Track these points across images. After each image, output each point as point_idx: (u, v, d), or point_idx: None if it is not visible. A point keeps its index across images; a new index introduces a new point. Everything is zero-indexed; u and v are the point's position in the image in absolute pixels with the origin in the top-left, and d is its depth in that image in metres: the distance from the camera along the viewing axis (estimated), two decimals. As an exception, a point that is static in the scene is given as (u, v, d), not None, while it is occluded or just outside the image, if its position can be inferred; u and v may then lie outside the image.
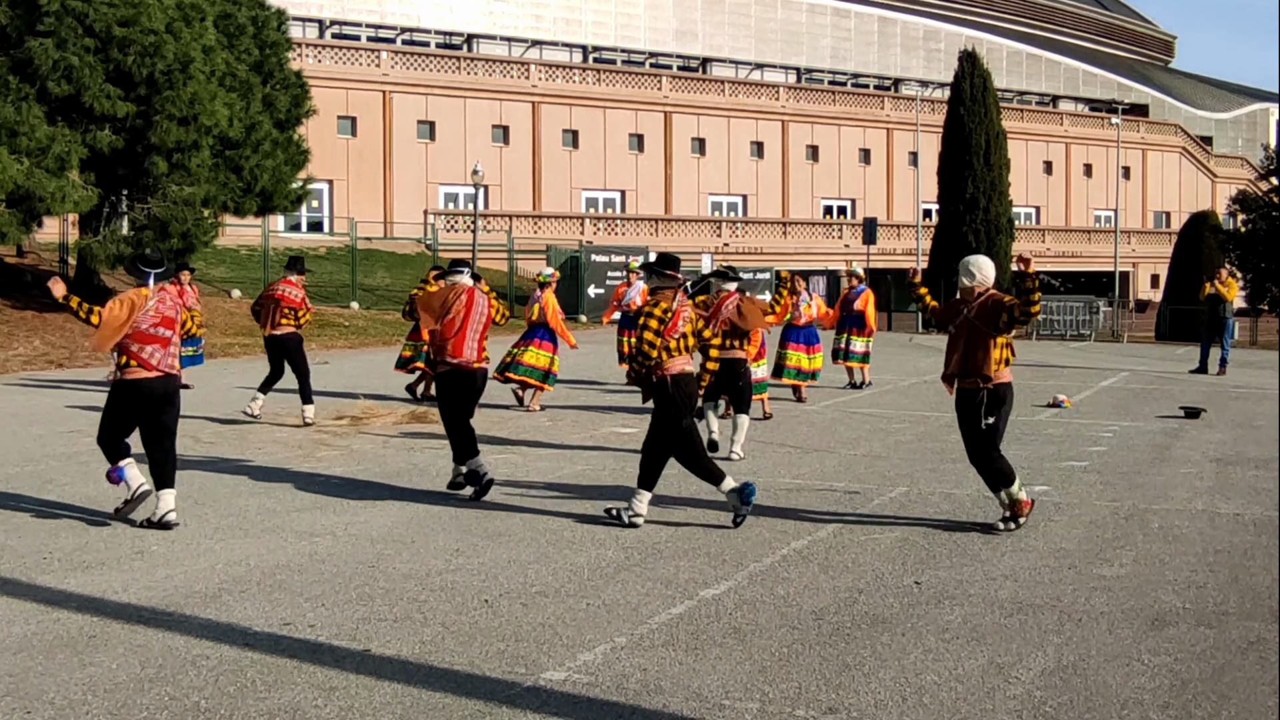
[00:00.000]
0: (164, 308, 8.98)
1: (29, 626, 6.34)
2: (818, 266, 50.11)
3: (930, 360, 26.35)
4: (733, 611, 6.69)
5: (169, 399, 8.90)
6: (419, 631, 6.28)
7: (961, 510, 9.52)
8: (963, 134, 41.24)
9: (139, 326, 8.75)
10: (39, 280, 29.60)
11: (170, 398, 8.91)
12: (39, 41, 23.08)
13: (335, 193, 47.63)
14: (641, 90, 55.18)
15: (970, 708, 5.30)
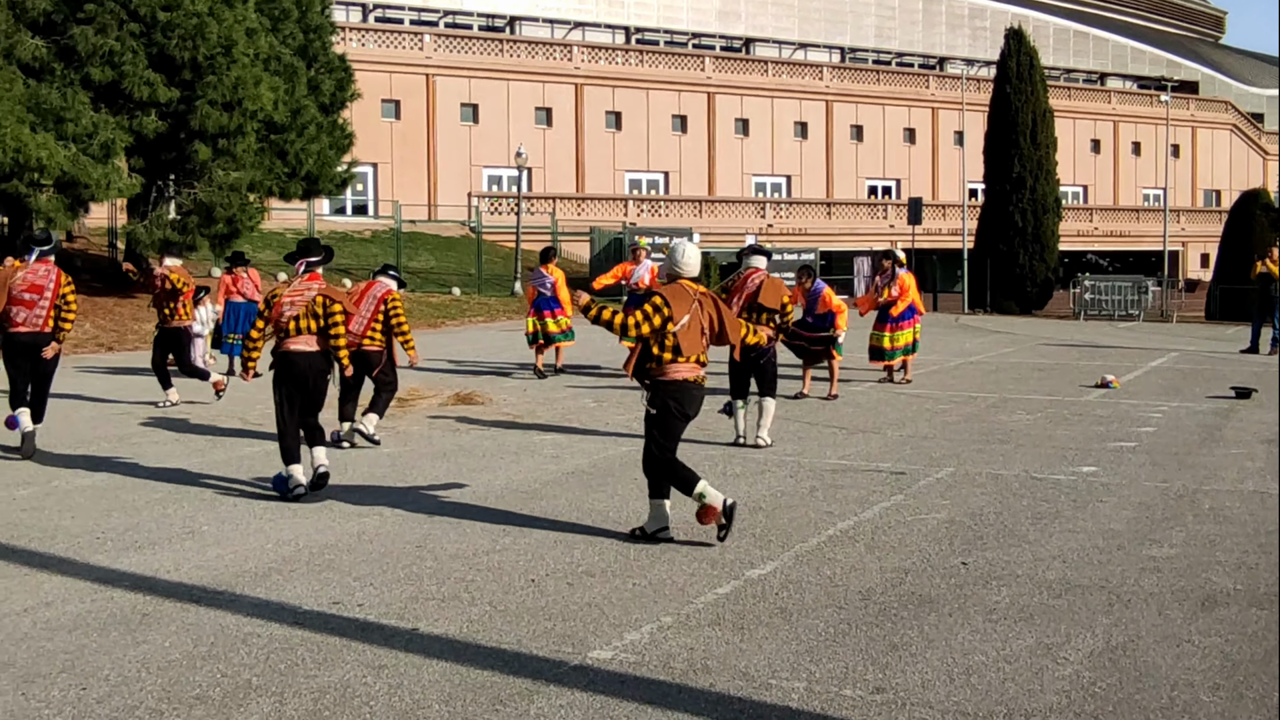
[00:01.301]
0: (34, 278, 11.17)
1: (84, 605, 6.44)
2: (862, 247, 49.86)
3: (977, 341, 26.19)
4: (779, 591, 6.68)
5: (36, 349, 11.07)
6: (466, 610, 6.32)
7: (1009, 491, 9.46)
8: (1009, 113, 40.77)
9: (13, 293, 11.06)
10: (88, 265, 29.94)
11: (37, 349, 11.06)
12: (81, 28, 23.29)
13: (379, 176, 47.83)
14: (684, 71, 54.99)
15: (1018, 688, 5.27)
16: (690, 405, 7.87)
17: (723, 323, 8.04)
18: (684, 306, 7.82)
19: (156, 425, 12.85)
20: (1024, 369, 19.12)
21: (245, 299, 17.69)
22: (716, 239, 45.05)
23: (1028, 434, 12.40)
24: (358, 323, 11.32)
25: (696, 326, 7.84)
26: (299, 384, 9.35)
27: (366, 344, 11.50)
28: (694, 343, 7.79)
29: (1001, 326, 32.11)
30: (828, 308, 15.21)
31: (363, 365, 11.41)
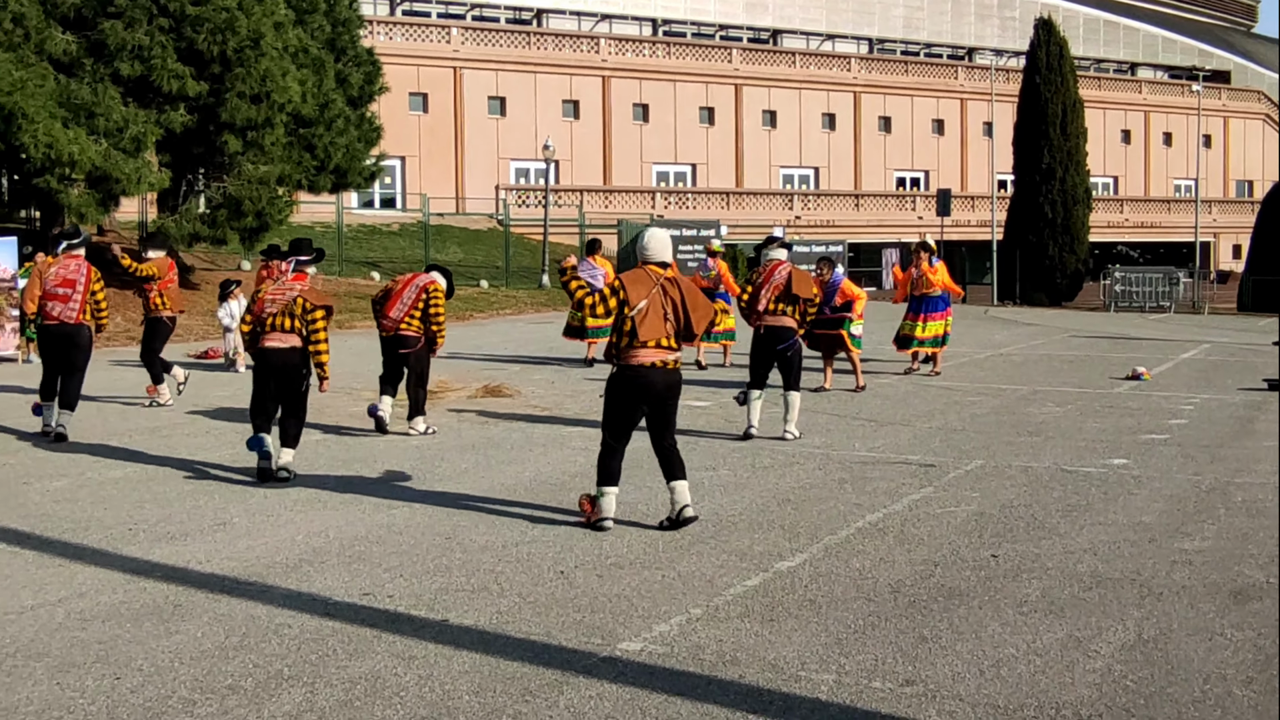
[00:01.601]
0: (65, 272, 11.65)
1: (117, 595, 6.49)
2: (890, 239, 49.74)
3: (1006, 333, 26.08)
4: (808, 584, 6.68)
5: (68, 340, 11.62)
6: (496, 602, 6.34)
7: (1039, 484, 9.42)
8: (1039, 103, 40.56)
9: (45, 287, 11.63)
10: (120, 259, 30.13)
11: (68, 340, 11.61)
12: (110, 23, 23.43)
13: (407, 169, 47.95)
14: (712, 63, 54.89)
15: (1049, 681, 5.25)
16: (644, 392, 7.92)
17: (687, 310, 7.96)
18: (642, 291, 7.90)
19: (188, 418, 12.93)
20: (1054, 361, 19.03)
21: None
22: (744, 231, 44.94)
23: (1058, 426, 12.34)
24: (398, 309, 11.77)
25: (658, 312, 7.88)
26: (274, 378, 9.71)
27: (404, 328, 11.82)
28: (653, 328, 7.85)
29: (1031, 318, 31.96)
30: (847, 298, 15.21)
31: (398, 344, 11.87)
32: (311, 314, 9.68)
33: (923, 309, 16.78)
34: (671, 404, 8.06)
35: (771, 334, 11.38)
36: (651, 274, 8.00)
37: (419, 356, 11.93)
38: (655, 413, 8.03)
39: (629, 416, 8.01)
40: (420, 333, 11.88)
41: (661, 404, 8.00)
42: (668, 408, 8.04)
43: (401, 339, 11.87)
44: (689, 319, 7.96)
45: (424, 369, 12.04)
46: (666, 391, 7.98)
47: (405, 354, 11.89)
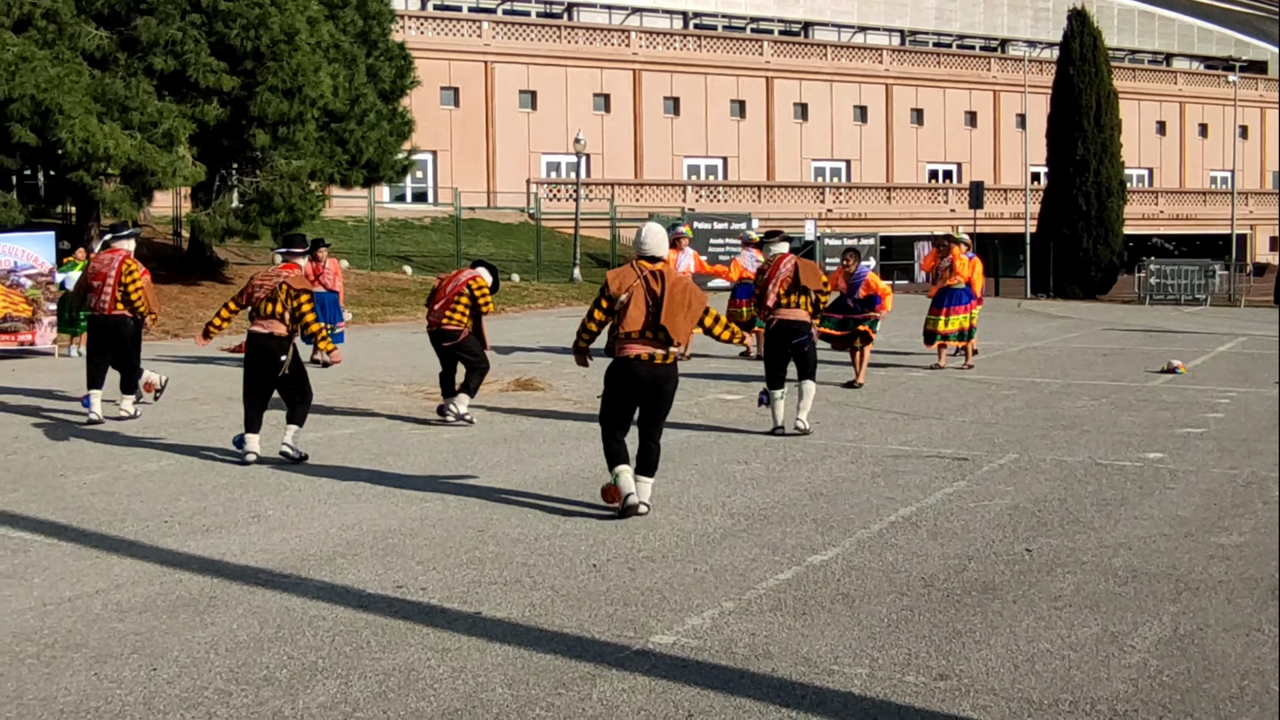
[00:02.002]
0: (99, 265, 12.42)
1: (153, 587, 6.54)
2: (923, 231, 49.49)
3: (1040, 326, 25.93)
4: (841, 577, 6.66)
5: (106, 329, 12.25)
6: (528, 595, 6.36)
7: (1074, 478, 9.36)
8: (1072, 95, 40.24)
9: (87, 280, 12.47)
10: (155, 253, 30.34)
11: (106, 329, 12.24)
12: (144, 19, 23.59)
13: (439, 163, 48.07)
14: (743, 56, 54.74)
15: (1084, 676, 5.22)
16: (631, 384, 7.99)
17: (660, 305, 7.88)
18: (625, 283, 7.99)
19: (222, 411, 13.00)
20: (1088, 354, 18.90)
21: (326, 288, 17.14)
22: (776, 224, 44.77)
23: (1092, 420, 12.26)
24: (440, 303, 12.07)
25: (639, 304, 7.91)
26: (258, 362, 10.13)
27: (445, 323, 12.03)
28: (632, 319, 7.90)
29: (1065, 311, 31.76)
30: (872, 291, 15.02)
31: (440, 338, 12.10)
32: (297, 299, 10.12)
33: (945, 302, 16.65)
34: (659, 399, 8.04)
35: (786, 327, 11.29)
36: (639, 268, 8.03)
37: (464, 348, 12.06)
38: (642, 406, 8.08)
39: (620, 407, 8.11)
40: (462, 325, 12.03)
41: (648, 398, 8.02)
42: (654, 403, 8.05)
43: (443, 333, 12.04)
44: (658, 313, 7.87)
45: (476, 360, 12.13)
46: (652, 385, 7.98)
47: (449, 347, 12.08)
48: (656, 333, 7.92)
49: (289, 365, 10.11)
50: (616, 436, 8.11)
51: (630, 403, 8.10)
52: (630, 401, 8.09)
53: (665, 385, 8.04)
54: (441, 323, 12.01)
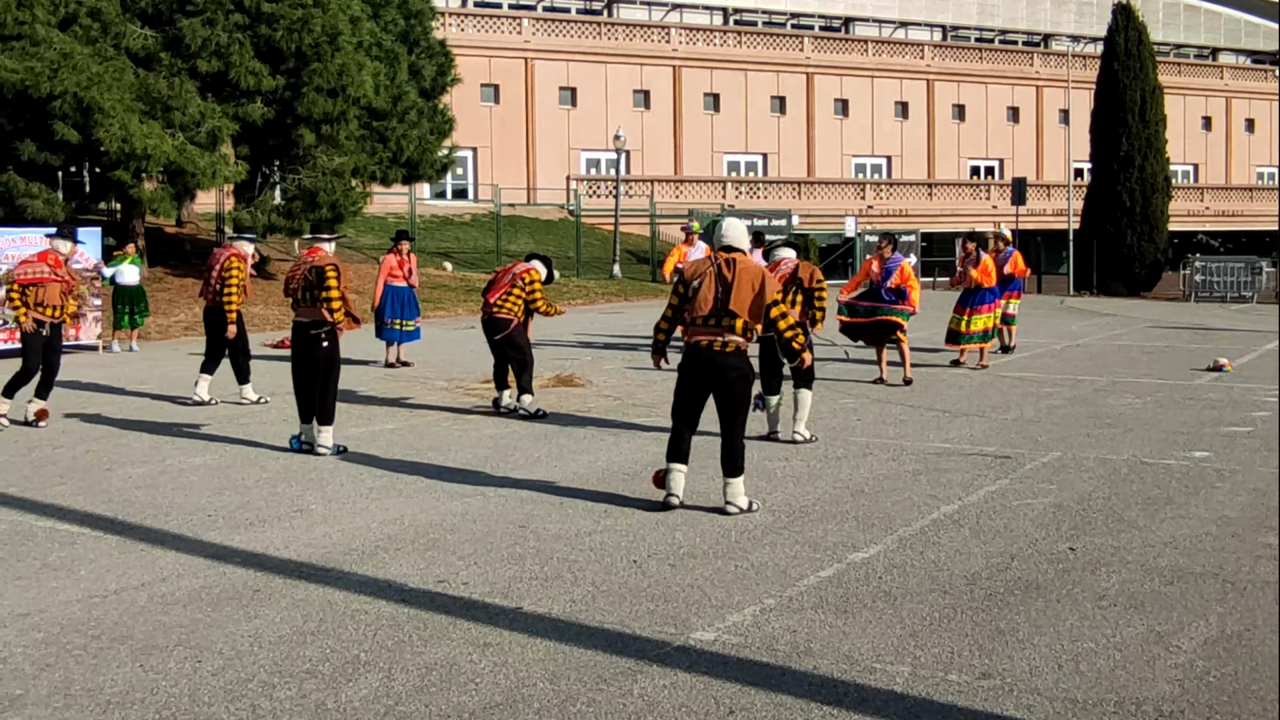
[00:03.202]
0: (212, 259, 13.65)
1: (197, 580, 6.59)
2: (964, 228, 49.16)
3: (1083, 323, 25.72)
4: (882, 575, 6.63)
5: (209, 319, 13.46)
6: (569, 590, 6.37)
7: (1118, 476, 9.27)
8: (1117, 90, 39.85)
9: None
10: (198, 249, 30.61)
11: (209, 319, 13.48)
12: (189, 20, 23.78)
13: (479, 160, 48.22)
14: (783, 52, 54.59)
15: (1129, 676, 5.17)
16: (696, 372, 8.01)
17: (730, 289, 7.88)
18: (699, 270, 8.08)
19: (265, 406, 13.10)
20: (1132, 352, 18.72)
21: (404, 283, 16.95)
22: (816, 221, 44.76)
23: (1137, 418, 12.15)
24: (495, 293, 12.32)
25: (710, 287, 7.94)
26: (303, 351, 10.38)
27: (496, 311, 12.23)
28: (699, 304, 7.94)
29: (1108, 308, 31.49)
30: (902, 282, 14.75)
31: (492, 329, 12.31)
32: (325, 277, 10.17)
33: (970, 302, 16.45)
34: (727, 388, 7.97)
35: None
36: (715, 256, 8.07)
37: (511, 342, 12.21)
38: (715, 401, 8.04)
39: (688, 398, 8.09)
40: (513, 315, 12.21)
41: (715, 389, 8.00)
42: (722, 395, 7.99)
43: (495, 322, 12.22)
44: (728, 297, 7.88)
45: (522, 352, 12.27)
46: (715, 374, 7.94)
47: (499, 339, 12.23)
48: (721, 319, 7.91)
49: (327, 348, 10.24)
50: (682, 431, 8.09)
51: (696, 393, 8.06)
52: (696, 392, 8.06)
53: (728, 375, 7.95)
54: (493, 312, 12.22)
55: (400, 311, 16.83)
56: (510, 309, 12.21)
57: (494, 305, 12.23)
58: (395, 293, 16.90)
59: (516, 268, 12.51)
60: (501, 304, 12.21)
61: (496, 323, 12.22)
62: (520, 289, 12.25)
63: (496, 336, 12.24)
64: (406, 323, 16.91)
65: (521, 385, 12.27)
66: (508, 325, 12.18)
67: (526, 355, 12.34)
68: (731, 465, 8.02)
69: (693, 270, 8.10)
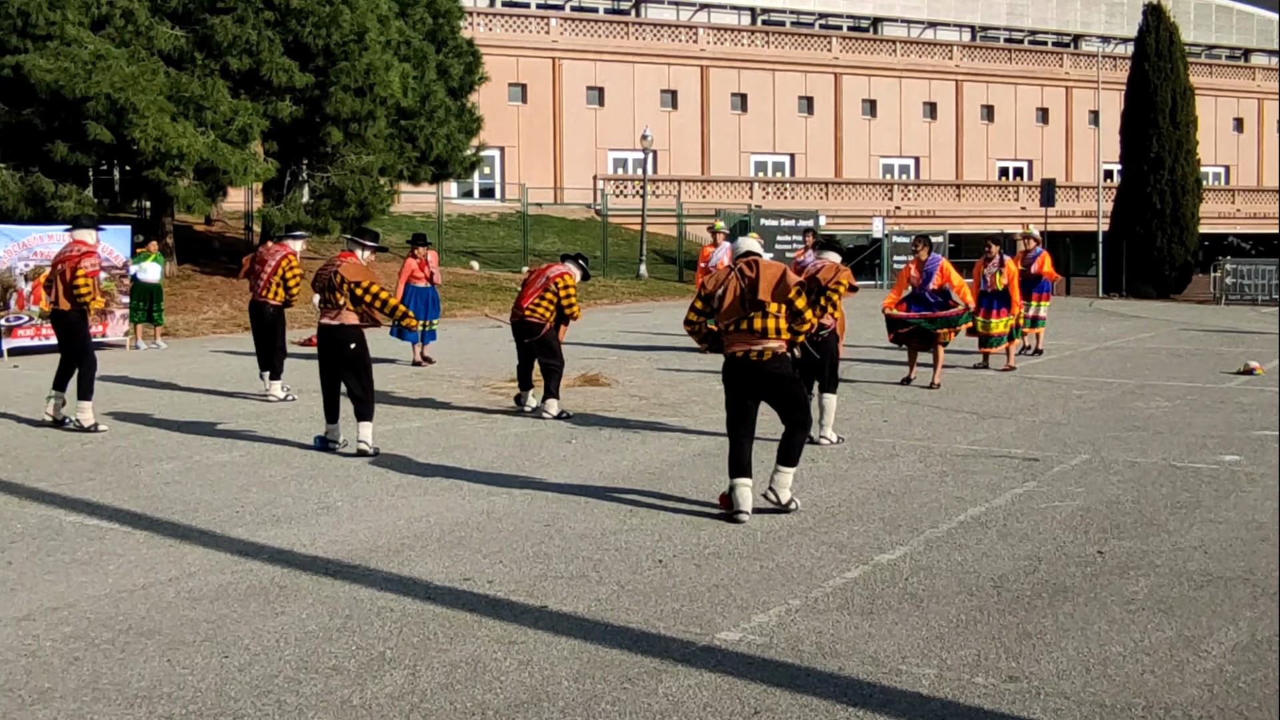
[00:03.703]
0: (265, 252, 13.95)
1: (224, 576, 6.62)
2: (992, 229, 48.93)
3: (1112, 325, 25.57)
4: (908, 577, 6.60)
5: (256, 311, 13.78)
6: (595, 589, 6.36)
7: (1147, 479, 9.21)
8: (1147, 91, 39.58)
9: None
10: (226, 247, 30.78)
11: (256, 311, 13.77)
12: (219, 18, 23.91)
13: (506, 159, 48.29)
14: (811, 52, 54.46)
15: (1158, 680, 5.13)
16: (739, 381, 7.94)
17: (755, 285, 7.84)
18: (719, 278, 8.08)
19: (292, 403, 13.15)
20: (1162, 354, 18.60)
21: (428, 283, 17.14)
22: (843, 222, 44.57)
23: (1166, 421, 12.06)
24: (528, 295, 12.32)
25: (732, 295, 7.90)
26: (329, 353, 10.26)
27: (527, 314, 12.22)
28: (728, 310, 7.91)
29: (1138, 311, 31.29)
30: (945, 281, 14.59)
31: (522, 332, 12.30)
32: (356, 286, 10.06)
33: (993, 304, 16.23)
34: (778, 393, 7.92)
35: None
36: (734, 263, 8.10)
37: (543, 345, 12.19)
38: (770, 402, 8.00)
39: (738, 407, 7.99)
40: (544, 319, 12.21)
41: (768, 394, 7.94)
42: (773, 396, 7.94)
43: (526, 324, 12.22)
44: (755, 292, 7.83)
45: (551, 361, 12.24)
46: (763, 381, 7.88)
47: (529, 342, 12.22)
48: (753, 319, 7.82)
49: (354, 351, 10.15)
50: (741, 442, 7.94)
51: (745, 401, 7.97)
52: (745, 400, 7.97)
53: (775, 382, 7.90)
54: (525, 314, 12.20)
55: (422, 312, 16.94)
56: (543, 313, 12.20)
57: (526, 309, 12.20)
58: (417, 293, 17.08)
59: (550, 270, 12.48)
60: (534, 308, 12.19)
61: (529, 326, 12.21)
62: (553, 293, 12.22)
63: (528, 340, 12.24)
64: (429, 323, 17.08)
65: (548, 390, 12.24)
66: (540, 329, 12.17)
67: (558, 359, 12.33)
68: (788, 454, 7.99)
69: (714, 282, 8.09)
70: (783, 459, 7.99)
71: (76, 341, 11.69)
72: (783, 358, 7.96)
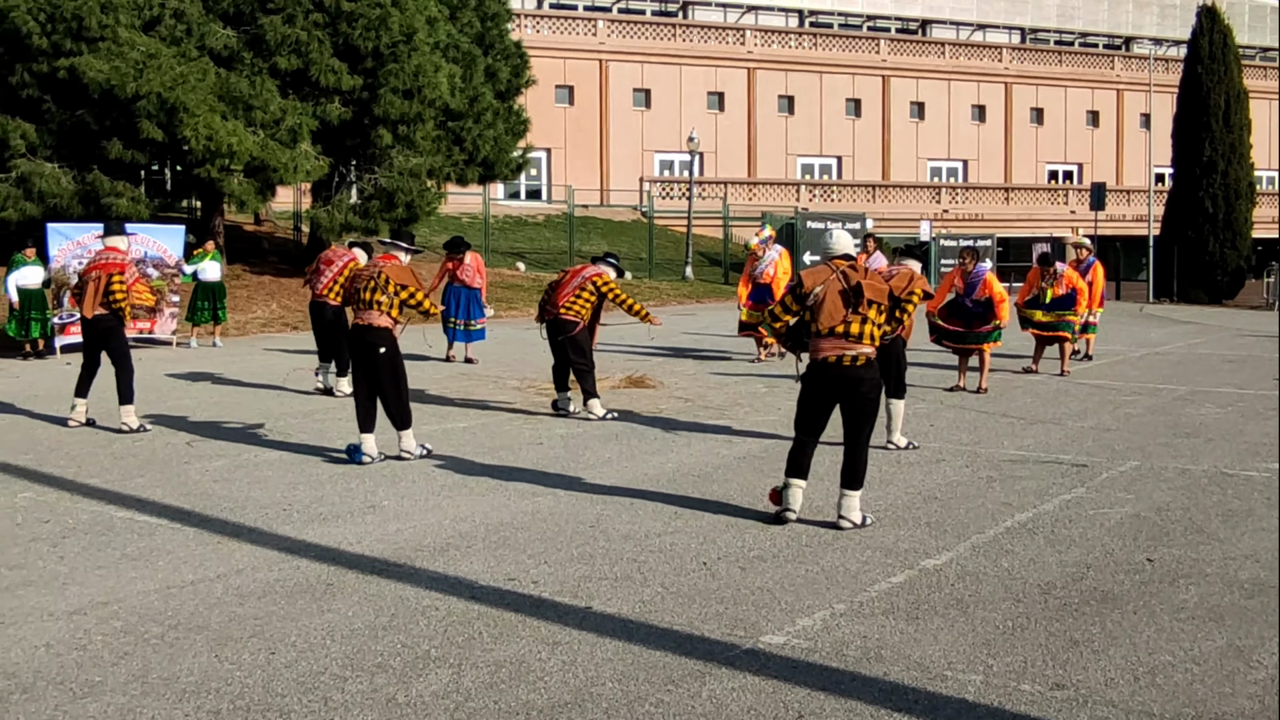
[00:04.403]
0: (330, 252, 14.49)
1: (271, 574, 6.68)
2: (1042, 233, 48.58)
3: (1163, 331, 25.30)
4: (954, 582, 6.56)
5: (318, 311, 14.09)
6: (639, 591, 6.37)
7: (1197, 487, 9.10)
8: (1200, 94, 39.16)
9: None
10: (276, 247, 31.04)
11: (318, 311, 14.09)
12: (270, 18, 24.13)
13: (553, 161, 48.41)
14: (858, 54, 54.24)
15: (1207, 690, 5.07)
16: (824, 385, 7.78)
17: (860, 292, 7.69)
18: (817, 279, 7.87)
19: (339, 403, 13.24)
20: (1213, 360, 18.38)
21: (466, 284, 17.24)
22: (890, 224, 44.36)
23: (1218, 428, 11.92)
24: (562, 294, 12.30)
25: (834, 298, 7.72)
26: (362, 355, 9.99)
27: (563, 313, 12.22)
28: (829, 314, 7.71)
29: (1189, 316, 30.95)
30: (988, 293, 14.54)
31: (556, 330, 12.27)
32: (402, 289, 9.97)
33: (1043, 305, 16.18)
34: (856, 402, 7.72)
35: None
36: (830, 265, 7.88)
37: (575, 344, 12.18)
38: (842, 412, 7.83)
39: (813, 409, 7.88)
40: (580, 318, 12.22)
41: (844, 401, 7.77)
42: (851, 406, 7.75)
43: (561, 322, 12.21)
44: (858, 300, 7.68)
45: (584, 356, 12.25)
46: (845, 387, 7.72)
47: (562, 340, 12.20)
48: (849, 325, 7.69)
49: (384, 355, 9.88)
50: (805, 444, 7.88)
51: (823, 405, 7.86)
52: (823, 404, 7.85)
53: (860, 388, 7.72)
54: (560, 312, 12.19)
55: (457, 311, 17.23)
56: (578, 311, 12.22)
57: (562, 307, 12.21)
58: (456, 293, 17.32)
59: (586, 270, 12.48)
60: (570, 306, 12.21)
61: (563, 324, 12.22)
62: (590, 292, 12.24)
63: (560, 337, 12.25)
64: (472, 323, 17.22)
65: (586, 390, 12.24)
66: (574, 327, 12.18)
67: (588, 360, 12.31)
68: (852, 477, 7.80)
69: (812, 280, 7.86)
70: (847, 483, 7.81)
71: (114, 347, 11.66)
72: (873, 364, 7.83)
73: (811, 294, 7.80)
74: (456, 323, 17.30)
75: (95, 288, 11.51)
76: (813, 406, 7.89)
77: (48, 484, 9.08)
